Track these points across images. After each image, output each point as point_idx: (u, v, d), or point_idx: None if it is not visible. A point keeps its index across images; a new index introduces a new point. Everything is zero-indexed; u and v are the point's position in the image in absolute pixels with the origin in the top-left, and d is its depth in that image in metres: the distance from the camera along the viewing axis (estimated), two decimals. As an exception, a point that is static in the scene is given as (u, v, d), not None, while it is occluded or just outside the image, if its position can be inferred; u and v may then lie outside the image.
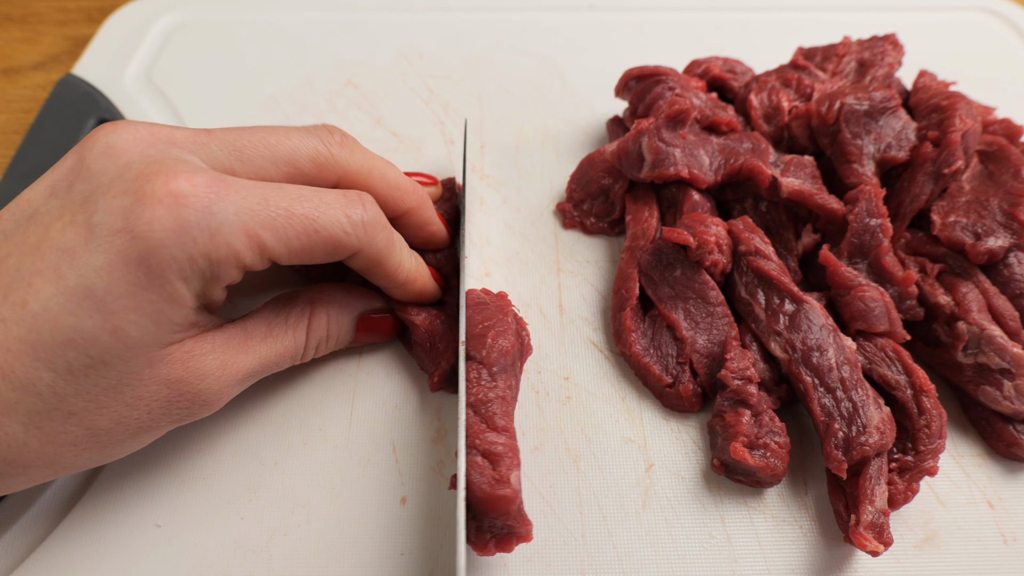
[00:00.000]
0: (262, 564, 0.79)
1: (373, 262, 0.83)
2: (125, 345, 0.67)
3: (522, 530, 0.74)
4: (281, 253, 0.74)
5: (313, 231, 0.75)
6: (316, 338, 0.87)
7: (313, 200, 0.76)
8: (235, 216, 0.70)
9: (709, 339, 0.90)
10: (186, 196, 0.67)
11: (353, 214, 0.79)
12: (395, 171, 0.92)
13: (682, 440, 0.88)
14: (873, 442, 0.78)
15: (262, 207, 0.72)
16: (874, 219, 0.92)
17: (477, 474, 0.73)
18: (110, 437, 0.71)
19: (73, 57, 1.47)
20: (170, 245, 0.66)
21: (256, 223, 0.71)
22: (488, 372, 0.81)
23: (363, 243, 0.80)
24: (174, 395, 0.73)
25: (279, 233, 0.73)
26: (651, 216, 1.01)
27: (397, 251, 0.86)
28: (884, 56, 1.14)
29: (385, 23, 1.45)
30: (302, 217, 0.75)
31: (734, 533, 0.81)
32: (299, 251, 0.75)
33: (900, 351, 0.86)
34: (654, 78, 1.11)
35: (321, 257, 0.78)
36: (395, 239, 0.86)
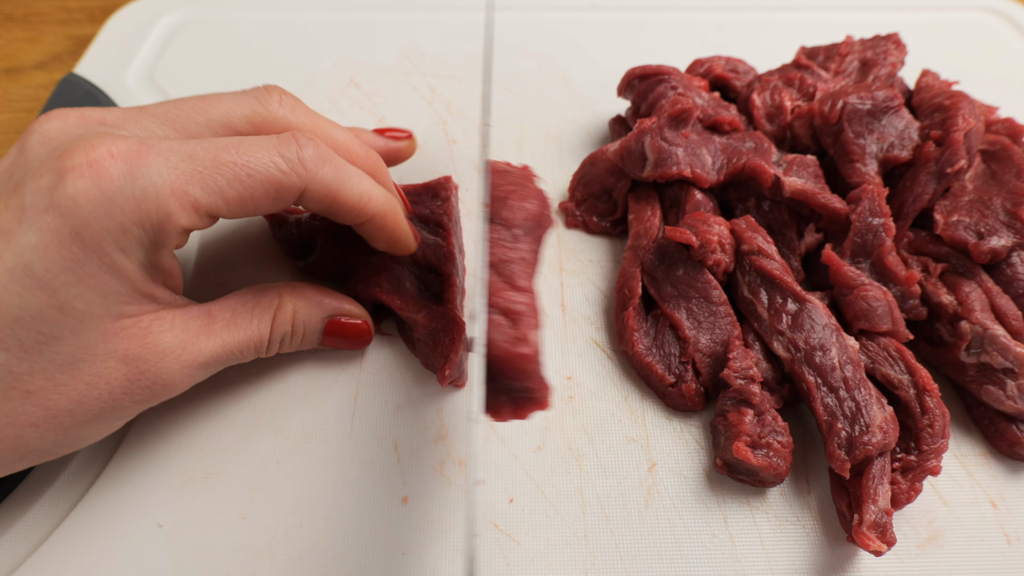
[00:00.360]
0: (264, 564, 0.79)
1: (328, 199, 0.80)
2: (74, 319, 0.68)
3: (540, 394, 0.72)
4: (218, 205, 0.73)
5: (246, 176, 0.74)
6: (280, 331, 0.86)
7: (241, 146, 0.75)
8: (159, 178, 0.69)
9: (712, 338, 0.90)
10: (104, 165, 0.68)
11: (288, 152, 0.77)
12: (345, 133, 0.90)
13: (685, 440, 0.88)
14: (876, 442, 0.78)
15: (186, 164, 0.71)
16: (877, 218, 0.92)
17: (496, 332, 0.72)
18: (72, 418, 0.71)
19: (75, 56, 1.47)
20: (99, 217, 0.67)
21: (183, 180, 0.70)
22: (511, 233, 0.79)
23: (306, 179, 0.77)
24: (133, 373, 0.72)
25: (209, 186, 0.72)
26: (654, 215, 1.01)
27: (355, 183, 0.83)
28: (887, 55, 1.14)
29: (387, 22, 1.45)
30: (230, 164, 0.73)
31: (737, 533, 0.81)
32: (237, 200, 0.74)
33: (903, 351, 0.86)
34: (656, 77, 1.10)
35: (267, 203, 0.77)
36: (349, 172, 0.82)
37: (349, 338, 0.93)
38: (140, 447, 0.86)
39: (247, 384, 0.92)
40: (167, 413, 0.88)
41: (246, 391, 0.91)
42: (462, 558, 0.78)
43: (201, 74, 1.34)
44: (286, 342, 0.88)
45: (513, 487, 0.85)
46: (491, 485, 0.85)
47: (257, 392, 0.91)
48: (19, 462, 0.72)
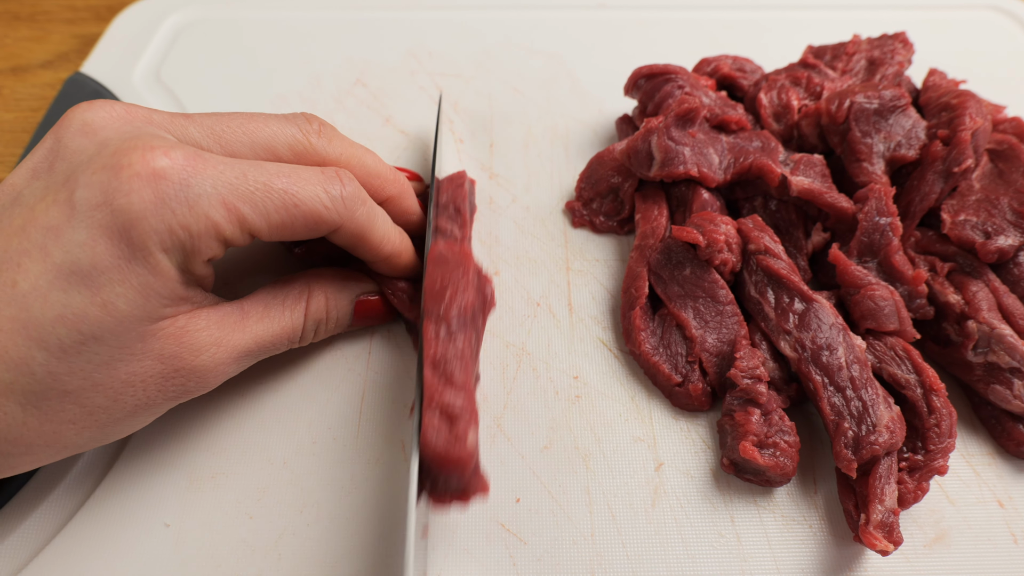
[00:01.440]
0: (271, 563, 0.79)
1: (356, 237, 0.85)
2: (115, 319, 0.68)
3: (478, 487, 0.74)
4: (261, 227, 0.75)
5: (292, 205, 0.76)
6: (314, 320, 0.88)
7: (292, 176, 0.77)
8: (213, 189, 0.71)
9: (719, 338, 0.90)
10: (164, 169, 0.69)
11: (332, 189, 0.80)
12: (375, 159, 0.92)
13: (691, 439, 0.88)
14: (883, 441, 0.78)
15: (240, 181, 0.73)
16: (884, 218, 0.92)
17: (434, 433, 0.73)
18: (108, 415, 0.71)
19: (81, 56, 1.47)
20: (149, 216, 0.67)
21: (234, 196, 0.72)
22: (447, 329, 0.81)
23: (343, 218, 0.81)
24: (169, 371, 0.73)
25: (258, 207, 0.74)
26: (660, 215, 1.01)
27: (380, 225, 0.87)
28: (894, 54, 1.14)
29: (394, 21, 1.45)
30: (281, 192, 0.76)
31: (744, 532, 0.81)
32: (279, 225, 0.77)
33: (910, 350, 0.86)
34: (663, 76, 1.10)
35: (302, 232, 0.80)
36: (377, 213, 0.87)
37: (377, 315, 0.96)
38: (147, 447, 0.86)
39: (254, 384, 0.92)
40: (174, 413, 0.88)
41: (253, 391, 0.91)
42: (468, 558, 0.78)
43: (207, 73, 1.34)
44: (320, 329, 0.90)
45: (520, 487, 0.85)
46: (498, 485, 0.85)
47: (264, 392, 0.91)
48: (55, 456, 0.72)
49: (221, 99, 1.29)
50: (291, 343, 0.87)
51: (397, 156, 1.18)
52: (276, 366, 0.93)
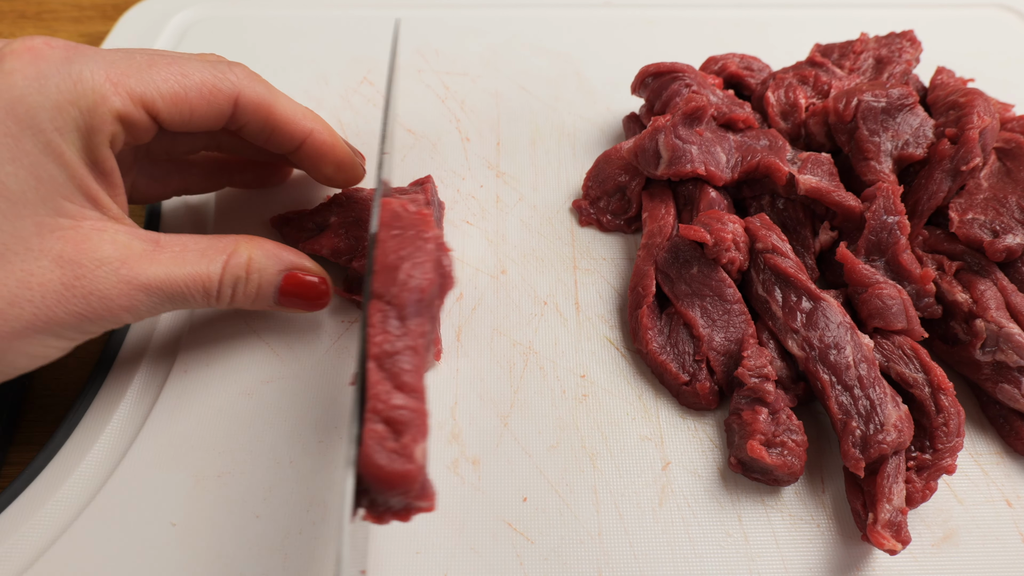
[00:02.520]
0: (277, 562, 0.79)
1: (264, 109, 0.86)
2: (8, 200, 0.69)
3: (424, 504, 0.67)
4: (154, 98, 0.76)
5: (181, 75, 0.78)
6: (232, 275, 0.83)
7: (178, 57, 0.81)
8: (96, 65, 0.73)
9: (726, 337, 0.90)
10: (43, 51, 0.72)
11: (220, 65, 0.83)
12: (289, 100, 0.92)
13: (699, 438, 0.88)
14: (891, 440, 0.78)
15: (124, 59, 0.76)
16: (892, 216, 0.92)
17: (375, 445, 0.65)
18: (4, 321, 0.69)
19: (88, 54, 1.47)
20: (33, 92, 0.70)
21: (118, 71, 0.74)
22: (397, 315, 0.72)
23: (238, 84, 0.83)
24: (68, 278, 0.72)
25: (144, 79, 0.76)
26: (668, 213, 1.01)
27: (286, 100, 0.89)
28: (901, 53, 1.14)
29: (401, 20, 1.45)
30: (165, 65, 0.78)
31: (751, 531, 0.81)
32: (171, 96, 0.78)
33: (918, 349, 0.86)
34: (671, 75, 1.10)
35: (203, 108, 0.81)
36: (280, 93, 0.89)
37: (307, 297, 0.90)
38: (153, 446, 0.86)
39: (260, 383, 0.92)
40: (180, 412, 0.89)
41: (259, 390, 0.91)
42: (475, 557, 0.78)
43: (214, 72, 1.34)
44: (240, 290, 0.85)
45: (527, 486, 0.85)
46: (505, 484, 0.85)
47: (270, 391, 0.91)
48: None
49: (227, 98, 1.29)
50: (207, 295, 0.82)
51: (404, 155, 1.18)
52: (282, 364, 0.93)
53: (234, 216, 1.07)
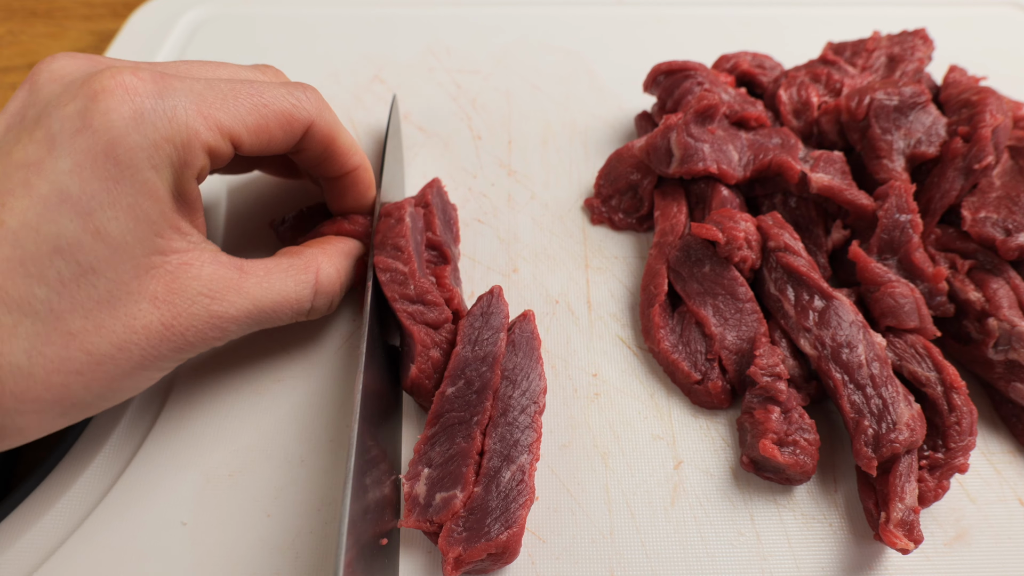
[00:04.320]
0: (288, 561, 0.78)
1: (329, 137, 0.88)
2: (110, 247, 0.68)
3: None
4: (240, 130, 0.77)
5: (262, 105, 0.79)
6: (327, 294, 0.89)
7: (256, 84, 0.81)
8: (185, 99, 0.73)
9: (738, 335, 0.90)
10: (136, 86, 0.70)
11: (295, 91, 0.84)
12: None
13: (711, 437, 0.88)
14: (903, 439, 0.78)
15: (209, 91, 0.76)
16: (904, 215, 0.92)
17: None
18: (115, 365, 0.71)
19: (98, 52, 1.47)
20: (132, 132, 0.69)
21: (207, 104, 0.75)
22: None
23: (313, 113, 0.84)
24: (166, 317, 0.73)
25: (230, 111, 0.77)
26: (680, 212, 1.01)
27: (346, 133, 0.91)
28: (914, 51, 1.14)
29: (412, 18, 1.46)
30: (248, 95, 0.79)
31: (763, 531, 0.81)
32: (255, 128, 0.79)
33: (930, 347, 0.86)
34: (683, 73, 1.10)
35: (279, 134, 0.82)
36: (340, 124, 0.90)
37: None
38: (164, 445, 0.86)
39: (272, 382, 0.92)
40: (191, 410, 0.89)
41: (271, 390, 0.91)
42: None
43: (225, 70, 1.34)
44: (335, 301, 0.92)
45: (539, 485, 0.84)
46: (516, 482, 0.84)
47: (282, 390, 0.91)
48: (63, 416, 0.71)
49: (239, 96, 1.29)
50: (296, 315, 0.86)
51: (416, 152, 1.18)
52: (293, 363, 0.93)
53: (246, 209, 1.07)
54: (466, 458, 0.78)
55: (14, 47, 1.50)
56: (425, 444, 0.80)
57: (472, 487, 0.77)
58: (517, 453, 0.80)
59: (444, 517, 0.75)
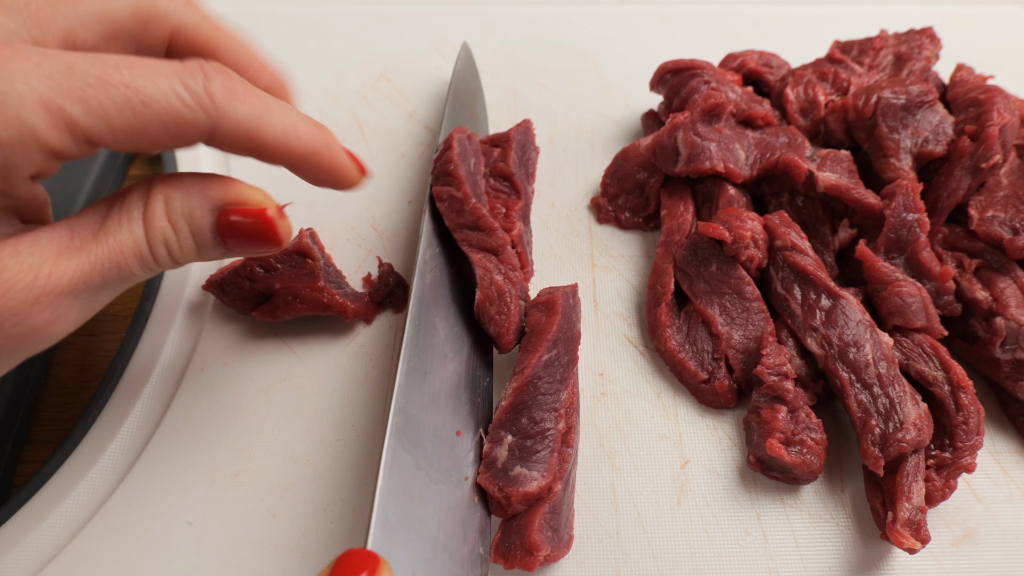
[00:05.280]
0: (294, 561, 0.79)
1: (246, 139, 0.67)
2: None
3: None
4: (101, 131, 0.60)
5: (140, 104, 0.60)
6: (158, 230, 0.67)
7: (137, 67, 0.61)
8: (26, 86, 0.57)
9: (745, 335, 0.90)
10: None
11: (192, 82, 0.63)
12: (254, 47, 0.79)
13: (718, 437, 0.88)
14: (910, 439, 0.77)
15: (65, 75, 0.58)
16: (911, 214, 0.92)
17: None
18: None
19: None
20: None
21: (58, 94, 0.57)
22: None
23: (215, 116, 0.64)
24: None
25: (91, 106, 0.59)
26: (686, 211, 1.01)
27: (277, 116, 0.68)
28: (921, 50, 1.14)
29: (418, 16, 1.45)
30: (121, 86, 0.60)
31: (770, 530, 0.81)
32: (126, 129, 0.60)
33: (937, 347, 0.86)
34: (689, 72, 1.10)
35: (164, 139, 0.63)
36: (268, 103, 0.68)
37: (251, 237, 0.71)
38: (170, 444, 0.86)
39: (277, 381, 0.92)
40: (197, 410, 0.89)
41: (276, 388, 0.91)
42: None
43: (231, 69, 1.34)
44: (173, 247, 0.69)
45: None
46: (523, 482, 0.84)
47: (287, 390, 0.91)
48: None
49: (245, 95, 1.29)
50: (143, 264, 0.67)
51: (421, 152, 1.19)
52: (299, 363, 0.93)
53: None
54: (553, 442, 0.78)
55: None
56: (510, 411, 0.80)
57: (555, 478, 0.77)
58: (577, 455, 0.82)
59: (516, 495, 0.74)
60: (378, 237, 1.06)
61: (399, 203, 1.11)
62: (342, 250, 1.06)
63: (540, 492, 0.75)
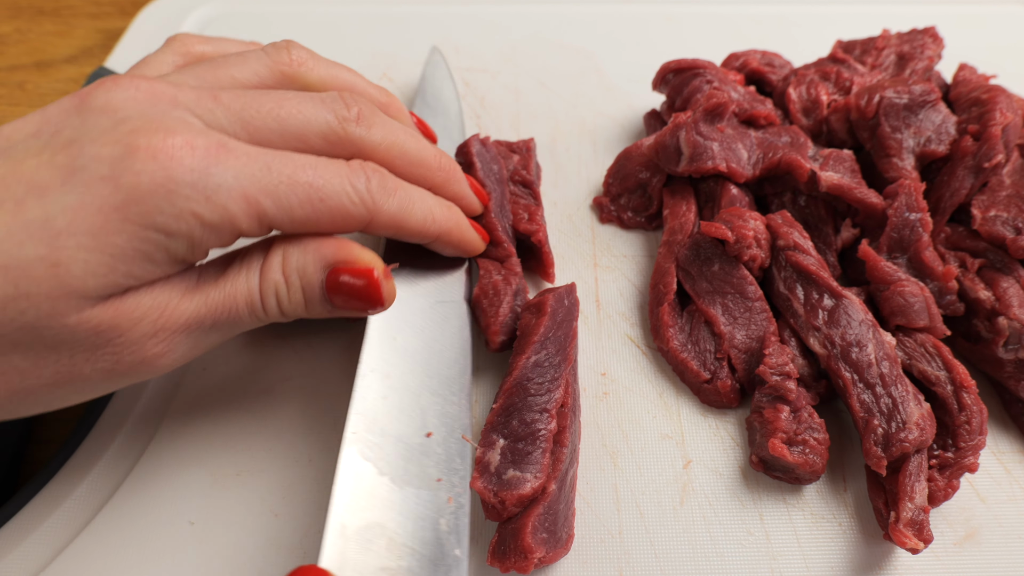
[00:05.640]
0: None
1: (394, 227, 0.79)
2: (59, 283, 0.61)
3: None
4: (283, 221, 0.71)
5: (318, 200, 0.72)
6: (271, 282, 0.74)
7: (318, 168, 0.73)
8: (234, 180, 0.67)
9: (747, 334, 0.90)
10: (181, 155, 0.64)
11: (357, 183, 0.75)
12: (418, 143, 0.86)
13: (720, 436, 0.88)
14: (913, 438, 0.77)
15: (263, 173, 0.69)
16: (914, 213, 0.92)
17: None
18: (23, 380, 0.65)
19: (106, 50, 1.47)
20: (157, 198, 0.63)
21: (256, 189, 0.68)
22: None
23: (372, 211, 0.76)
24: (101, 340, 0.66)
25: (281, 201, 0.70)
26: (689, 210, 1.01)
27: (418, 207, 0.81)
28: (924, 49, 1.13)
29: (420, 16, 1.46)
30: (306, 185, 0.71)
31: (772, 530, 0.81)
32: (303, 221, 0.72)
33: (940, 347, 0.86)
34: (692, 71, 1.10)
35: (329, 227, 0.75)
36: (412, 197, 0.81)
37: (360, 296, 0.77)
38: (171, 444, 0.86)
39: (279, 381, 0.92)
40: (199, 410, 0.89)
41: (279, 388, 0.91)
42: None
43: (233, 68, 1.34)
44: (283, 299, 0.75)
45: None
46: (525, 481, 0.84)
47: (289, 388, 0.91)
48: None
49: (247, 94, 1.29)
50: (252, 313, 0.75)
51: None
52: (301, 362, 0.93)
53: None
54: (545, 442, 0.78)
55: (21, 45, 1.50)
56: (502, 415, 0.80)
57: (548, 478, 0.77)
58: (576, 454, 0.82)
59: (510, 498, 0.74)
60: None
61: (402, 202, 1.11)
62: (346, 249, 1.04)
63: (534, 493, 0.75)
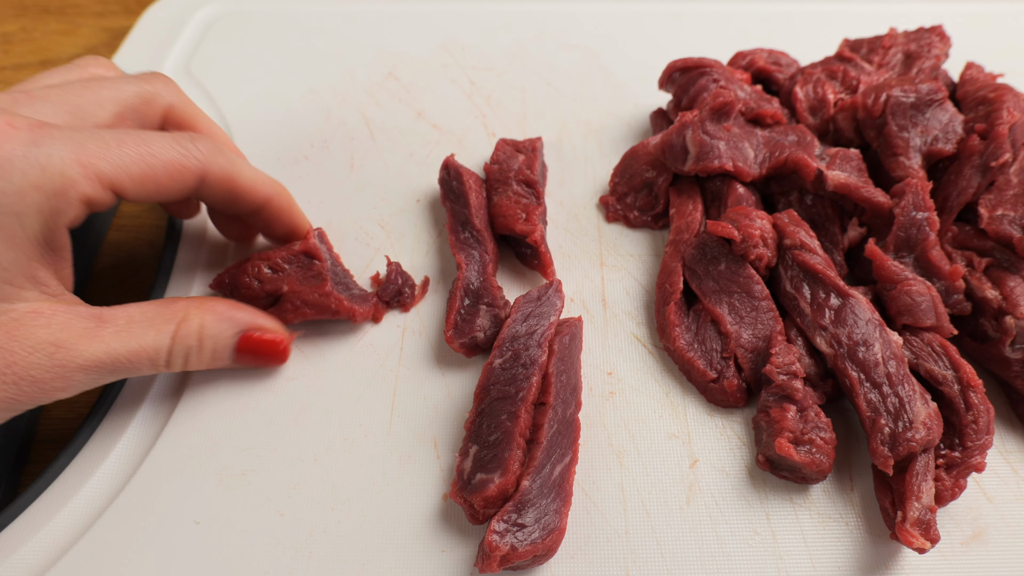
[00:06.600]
0: (302, 561, 0.78)
1: (227, 181, 0.87)
2: None
3: None
4: (123, 181, 0.76)
5: (149, 155, 0.78)
6: (184, 345, 0.82)
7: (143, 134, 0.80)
8: (64, 147, 0.72)
9: (754, 333, 0.90)
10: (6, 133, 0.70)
11: (183, 140, 0.83)
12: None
13: (727, 436, 0.88)
14: (920, 438, 0.77)
15: (91, 139, 0.75)
16: (921, 212, 0.91)
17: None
18: None
19: (111, 49, 1.47)
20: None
21: (88, 154, 0.74)
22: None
23: (204, 162, 0.84)
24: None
25: (114, 160, 0.75)
26: (695, 209, 1.01)
27: (248, 167, 0.90)
28: (931, 48, 1.13)
29: (426, 15, 1.46)
30: (134, 144, 0.78)
31: (779, 530, 0.81)
32: (140, 177, 0.78)
33: (947, 346, 0.85)
34: (698, 70, 1.10)
35: (169, 186, 0.81)
36: (239, 162, 0.89)
37: (264, 355, 0.90)
38: (177, 444, 0.86)
39: (284, 381, 0.92)
40: (204, 410, 0.89)
41: (284, 388, 0.91)
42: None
43: (238, 67, 1.34)
44: (192, 357, 0.84)
45: (553, 483, 0.84)
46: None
47: (295, 389, 0.91)
48: None
49: (251, 93, 1.29)
50: (154, 366, 0.81)
51: (429, 151, 1.19)
52: (307, 362, 0.93)
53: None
54: (510, 441, 0.78)
55: (27, 44, 1.50)
56: (474, 422, 0.81)
57: (514, 475, 0.77)
58: (564, 451, 0.81)
59: (477, 500, 0.75)
60: (386, 236, 1.06)
61: (407, 202, 1.11)
62: (350, 249, 1.06)
63: (500, 493, 0.76)
